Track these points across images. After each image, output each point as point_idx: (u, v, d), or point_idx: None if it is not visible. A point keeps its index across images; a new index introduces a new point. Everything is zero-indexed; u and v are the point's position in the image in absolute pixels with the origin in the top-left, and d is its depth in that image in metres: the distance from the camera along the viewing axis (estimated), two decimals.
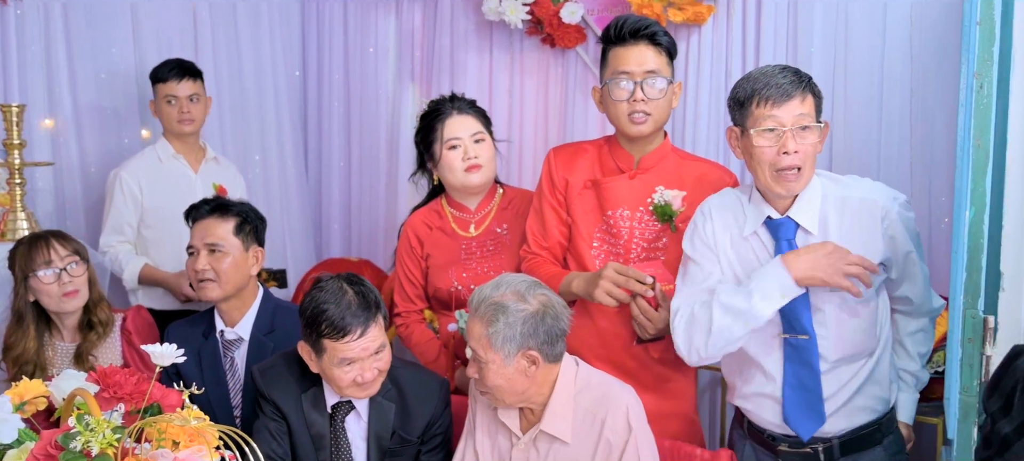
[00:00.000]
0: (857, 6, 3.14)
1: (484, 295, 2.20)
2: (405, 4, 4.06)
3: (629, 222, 2.54)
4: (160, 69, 3.46)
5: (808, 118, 2.13)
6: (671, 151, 2.59)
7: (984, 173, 1.80)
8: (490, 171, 2.77)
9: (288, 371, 2.42)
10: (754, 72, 2.20)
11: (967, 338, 1.84)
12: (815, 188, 2.21)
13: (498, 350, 2.15)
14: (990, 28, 1.78)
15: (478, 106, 2.83)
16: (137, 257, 3.40)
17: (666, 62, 2.50)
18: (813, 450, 2.26)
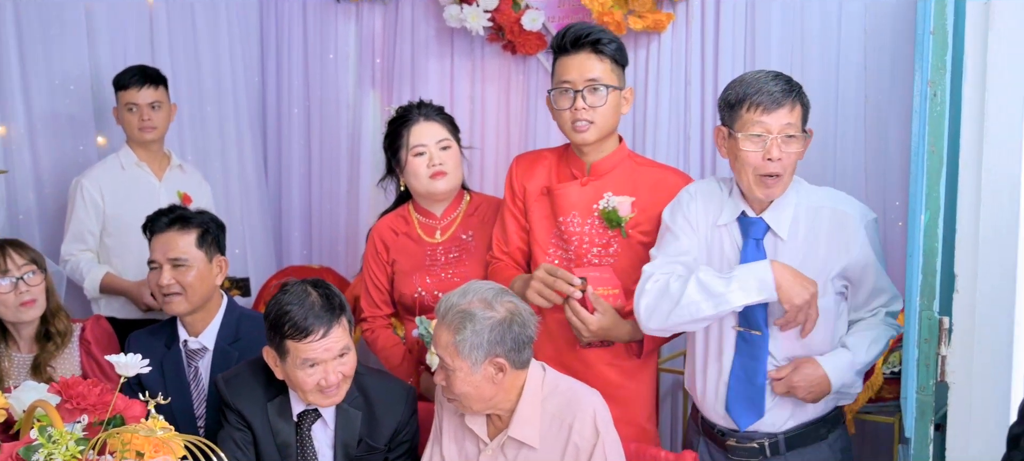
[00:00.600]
0: (812, 15, 3.21)
1: (451, 302, 2.19)
2: (365, 10, 4.05)
3: (580, 228, 2.57)
4: (122, 76, 3.41)
5: (794, 127, 2.19)
6: (627, 157, 2.60)
7: (938, 178, 1.85)
8: (456, 178, 2.78)
9: (253, 379, 2.40)
10: (747, 75, 2.26)
11: (923, 339, 1.89)
12: (790, 194, 2.28)
13: (465, 358, 2.15)
14: (943, 37, 1.83)
15: (445, 113, 2.83)
16: (99, 266, 3.35)
17: (610, 70, 2.51)
18: (759, 445, 2.32)
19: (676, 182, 2.56)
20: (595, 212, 2.53)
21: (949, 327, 1.87)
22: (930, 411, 1.92)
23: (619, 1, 3.41)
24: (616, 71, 2.52)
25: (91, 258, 3.37)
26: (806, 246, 2.25)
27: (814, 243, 2.25)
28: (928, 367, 1.89)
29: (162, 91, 3.43)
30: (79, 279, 3.35)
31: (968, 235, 1.81)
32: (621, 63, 2.54)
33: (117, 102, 3.43)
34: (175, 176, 3.51)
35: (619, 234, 2.53)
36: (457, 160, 2.78)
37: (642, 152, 3.47)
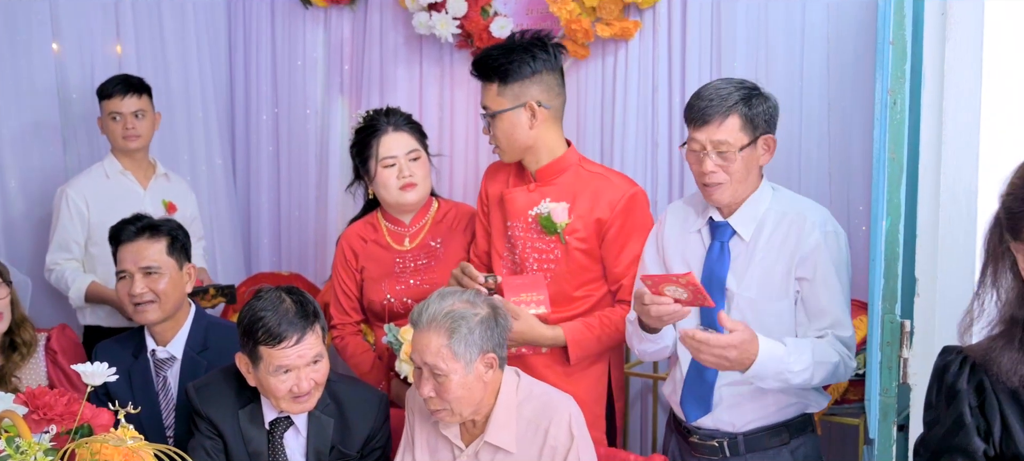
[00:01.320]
0: (777, 21, 3.26)
1: (433, 309, 2.18)
2: (334, 16, 4.04)
3: (523, 234, 2.60)
4: (106, 85, 3.41)
5: (725, 143, 2.23)
6: (575, 163, 2.62)
7: (899, 185, 1.90)
8: (425, 188, 2.80)
9: (225, 387, 2.39)
10: (703, 87, 2.31)
11: (886, 342, 1.93)
12: (761, 200, 2.32)
13: (460, 358, 2.15)
14: (902, 48, 1.88)
15: (414, 121, 2.85)
16: (84, 275, 3.33)
17: (495, 94, 2.55)
18: (718, 443, 2.35)
19: (617, 188, 2.57)
20: (531, 218, 2.57)
21: (911, 330, 1.91)
22: (893, 412, 1.96)
23: (587, 9, 3.44)
24: (505, 92, 2.54)
25: (76, 267, 3.35)
26: (764, 249, 2.29)
27: (771, 246, 2.29)
28: (891, 369, 1.94)
29: (146, 100, 3.43)
30: (64, 288, 3.33)
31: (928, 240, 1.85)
32: (510, 80, 2.53)
33: (101, 111, 3.42)
34: (160, 185, 3.51)
35: (558, 241, 2.55)
36: (426, 170, 2.79)
37: (609, 160, 3.51)
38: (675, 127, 3.45)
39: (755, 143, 2.26)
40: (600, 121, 3.58)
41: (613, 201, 2.54)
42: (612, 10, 3.41)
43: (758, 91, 2.28)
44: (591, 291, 2.60)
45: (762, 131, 2.27)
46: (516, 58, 2.53)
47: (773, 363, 2.16)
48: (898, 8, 1.87)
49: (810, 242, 2.24)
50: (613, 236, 2.56)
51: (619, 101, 3.53)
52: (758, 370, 2.15)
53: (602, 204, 2.54)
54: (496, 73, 2.54)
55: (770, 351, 2.16)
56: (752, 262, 2.29)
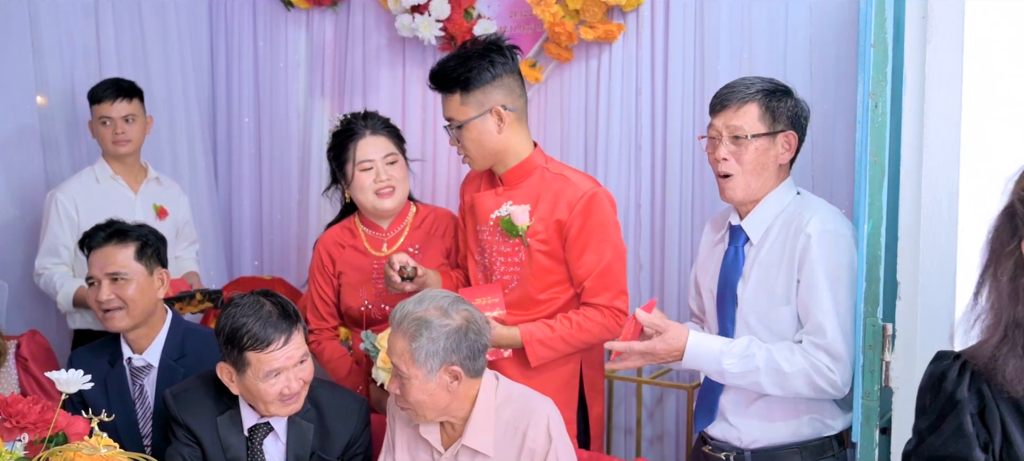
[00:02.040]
0: (760, 25, 3.25)
1: (407, 310, 2.19)
2: (316, 18, 4.02)
3: (490, 237, 2.60)
4: (96, 89, 3.38)
5: (740, 129, 2.21)
6: (541, 164, 2.60)
7: (880, 188, 1.90)
8: (403, 193, 2.78)
9: (203, 394, 2.37)
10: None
11: (868, 345, 1.92)
12: (777, 201, 2.26)
13: (421, 366, 2.14)
14: (883, 51, 1.88)
15: (391, 125, 2.83)
16: (73, 279, 3.30)
17: (459, 104, 2.53)
18: (726, 456, 2.32)
19: (576, 189, 2.55)
20: (492, 221, 2.57)
21: (892, 333, 1.91)
22: (875, 416, 1.96)
23: (570, 12, 3.43)
24: (468, 101, 2.52)
25: (65, 272, 3.33)
26: (767, 253, 2.24)
27: (773, 249, 2.24)
28: (873, 373, 1.93)
29: (137, 104, 3.41)
30: (53, 293, 3.31)
31: (909, 244, 1.85)
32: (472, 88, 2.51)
33: (92, 115, 3.40)
34: (152, 189, 3.49)
35: (521, 243, 2.55)
36: (404, 174, 2.78)
37: (593, 163, 3.50)
38: (658, 130, 3.44)
39: (773, 137, 2.21)
40: (584, 124, 3.57)
41: (572, 202, 2.52)
42: (595, 13, 3.40)
43: (786, 89, 2.26)
44: (556, 294, 2.59)
45: (784, 127, 2.23)
46: (474, 65, 2.51)
47: (706, 356, 2.19)
48: (879, 11, 1.87)
49: (801, 242, 2.17)
50: (573, 237, 2.54)
51: (603, 104, 3.52)
52: (689, 360, 2.20)
53: (561, 205, 2.53)
54: (457, 83, 2.51)
55: (701, 342, 2.20)
56: (755, 267, 2.25)
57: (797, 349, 2.14)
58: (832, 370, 2.10)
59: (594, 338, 2.56)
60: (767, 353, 2.15)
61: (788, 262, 2.20)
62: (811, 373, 2.11)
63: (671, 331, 2.19)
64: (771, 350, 2.15)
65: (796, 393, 2.15)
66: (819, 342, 2.11)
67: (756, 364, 2.15)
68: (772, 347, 2.16)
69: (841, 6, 3.12)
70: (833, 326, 2.10)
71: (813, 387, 2.12)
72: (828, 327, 2.10)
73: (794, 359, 2.12)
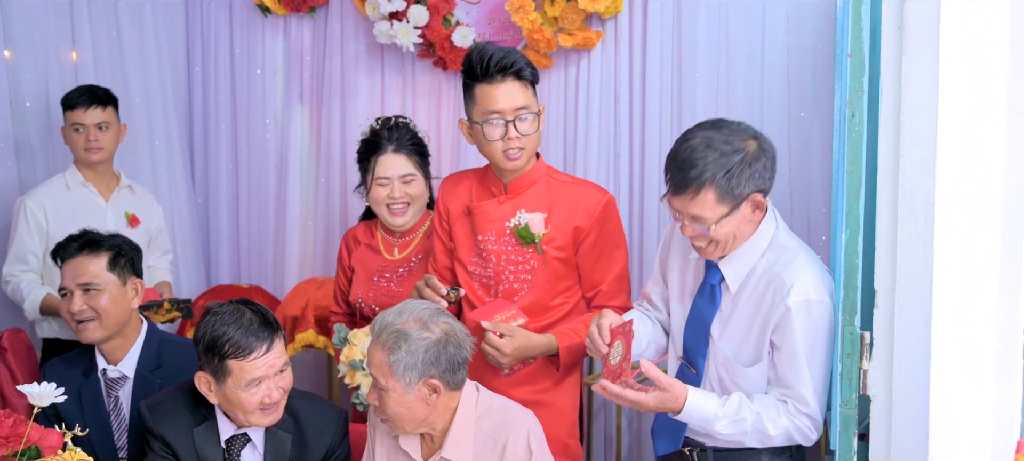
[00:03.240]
0: (737, 34, 3.28)
1: (387, 322, 2.17)
2: (293, 24, 4.00)
3: (497, 246, 2.58)
4: (70, 95, 3.35)
5: (701, 218, 2.08)
6: (545, 173, 2.61)
7: (858, 197, 1.90)
8: (416, 210, 2.84)
9: (179, 405, 2.34)
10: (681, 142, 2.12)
11: (846, 353, 1.93)
12: (755, 248, 2.16)
13: (399, 378, 2.13)
14: (860, 60, 1.88)
15: (418, 140, 2.83)
16: (41, 287, 3.26)
17: (532, 94, 2.52)
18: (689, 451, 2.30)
19: (592, 196, 2.57)
20: (508, 230, 2.55)
21: (870, 342, 1.91)
22: (853, 424, 1.97)
23: (549, 19, 3.44)
24: (535, 94, 2.54)
25: (33, 279, 3.29)
26: (744, 307, 2.18)
27: (749, 305, 2.17)
28: (851, 381, 1.94)
29: (111, 111, 3.38)
30: (20, 300, 3.27)
31: (886, 252, 1.85)
32: (536, 84, 2.56)
33: (65, 122, 3.36)
34: (124, 197, 3.45)
35: (535, 251, 2.54)
36: (421, 190, 2.83)
37: (572, 169, 3.50)
38: (636, 137, 3.45)
39: (737, 210, 2.08)
40: (562, 130, 3.57)
41: (590, 209, 2.54)
42: (574, 20, 3.41)
43: (745, 155, 2.05)
44: (567, 299, 2.60)
45: (748, 191, 2.07)
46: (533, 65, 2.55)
47: (699, 417, 2.16)
48: (855, 21, 1.88)
49: (780, 310, 2.09)
50: (591, 243, 2.55)
51: (582, 110, 3.52)
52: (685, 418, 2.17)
53: (579, 212, 2.54)
54: (528, 75, 2.51)
55: (698, 405, 2.15)
56: (732, 318, 2.19)
57: (783, 411, 2.15)
58: (810, 430, 2.16)
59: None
60: (756, 417, 2.15)
61: (761, 324, 2.13)
62: (792, 433, 2.16)
63: (672, 391, 2.14)
64: (759, 414, 2.15)
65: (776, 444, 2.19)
66: (801, 409, 2.14)
67: (745, 428, 2.16)
68: (759, 409, 2.15)
69: (817, 14, 3.14)
70: (813, 397, 2.13)
71: (789, 441, 2.18)
72: (809, 398, 2.13)
73: (780, 422, 2.15)
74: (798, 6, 3.16)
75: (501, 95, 2.46)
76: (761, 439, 2.18)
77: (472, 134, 2.55)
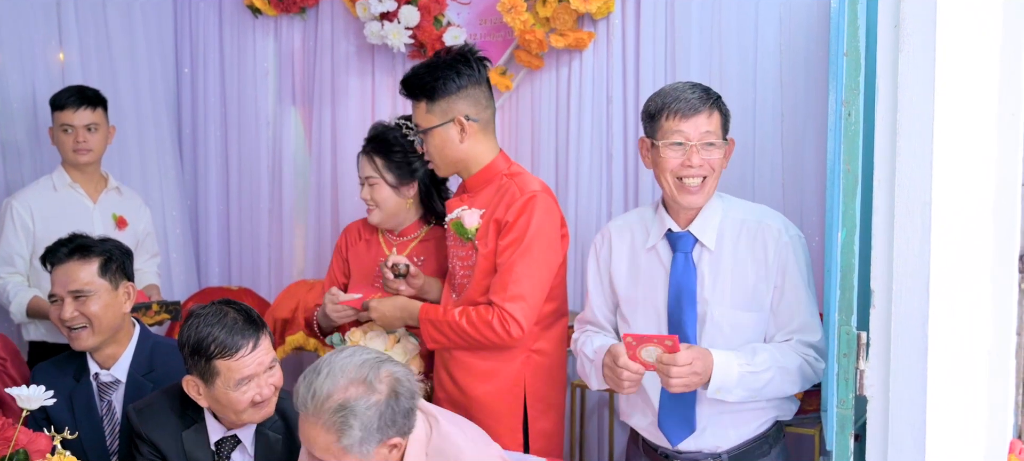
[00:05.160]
0: (730, 33, 3.27)
1: (321, 393, 1.87)
2: (284, 26, 3.98)
3: (450, 242, 2.68)
4: (59, 96, 3.32)
5: (713, 135, 2.23)
6: (502, 171, 2.63)
7: (854, 196, 1.90)
8: (385, 212, 2.84)
9: (168, 408, 2.32)
10: (666, 87, 2.30)
11: (842, 353, 1.92)
12: (715, 207, 2.29)
13: (355, 454, 1.87)
14: (856, 59, 1.88)
15: (380, 144, 2.83)
16: (27, 289, 3.23)
17: (425, 111, 2.59)
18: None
19: (521, 190, 2.56)
20: (447, 225, 2.64)
21: (867, 342, 1.91)
22: (850, 424, 1.96)
23: (541, 20, 3.43)
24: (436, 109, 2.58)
25: (20, 281, 3.26)
26: (733, 259, 2.26)
27: (739, 256, 2.26)
28: (847, 381, 1.93)
29: (100, 113, 3.35)
30: (6, 303, 3.25)
31: (882, 252, 1.84)
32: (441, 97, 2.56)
33: (53, 122, 3.33)
34: (111, 199, 3.43)
35: (472, 248, 2.59)
36: (383, 196, 2.82)
37: (564, 170, 3.50)
38: (630, 138, 3.44)
39: (725, 144, 2.27)
40: (554, 132, 3.56)
41: (512, 201, 2.54)
42: (566, 21, 3.40)
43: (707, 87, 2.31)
44: None
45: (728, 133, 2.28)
46: (441, 75, 2.56)
47: (733, 368, 2.16)
48: (851, 19, 1.87)
49: (779, 248, 2.24)
50: (504, 234, 2.54)
51: (574, 111, 3.51)
52: (720, 380, 2.15)
53: (502, 204, 2.56)
54: (423, 91, 2.58)
55: (725, 358, 2.17)
56: (722, 272, 2.26)
57: (789, 347, 2.23)
58: (820, 362, 2.25)
59: (478, 334, 2.53)
60: (770, 352, 2.21)
61: (760, 267, 2.23)
62: (805, 367, 2.23)
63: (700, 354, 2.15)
64: (774, 349, 2.22)
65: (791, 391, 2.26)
66: (809, 340, 2.24)
67: (769, 362, 2.19)
68: (771, 347, 2.23)
69: (810, 14, 3.14)
70: (817, 324, 2.26)
71: (806, 379, 2.25)
72: (814, 326, 2.25)
73: (793, 356, 2.22)
74: (791, 5, 3.16)
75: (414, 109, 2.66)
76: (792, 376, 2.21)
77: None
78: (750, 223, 2.27)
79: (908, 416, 1.87)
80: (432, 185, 2.85)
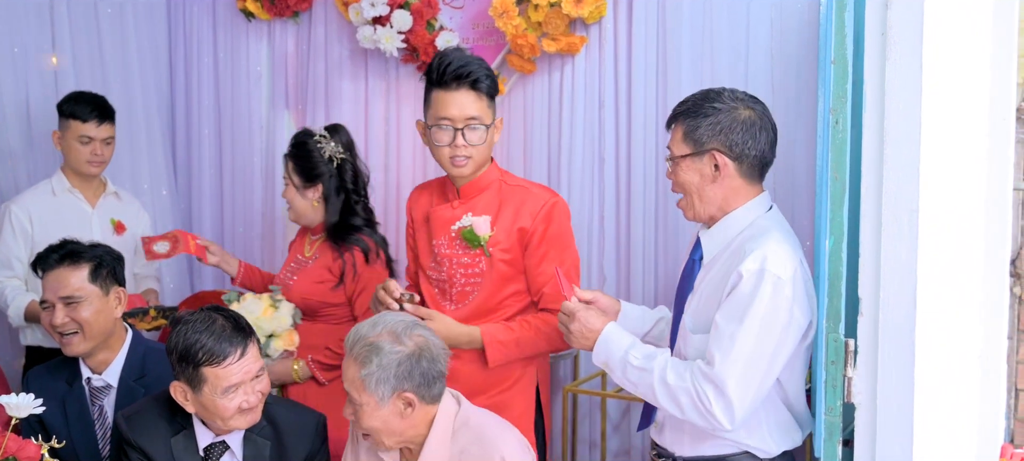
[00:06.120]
0: (721, 38, 3.27)
1: (361, 334, 2.16)
2: (277, 29, 3.98)
3: (449, 250, 2.62)
4: (78, 107, 3.30)
5: (669, 152, 2.20)
6: (498, 178, 2.64)
7: (842, 204, 1.90)
8: (295, 210, 3.10)
9: (156, 414, 2.32)
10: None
11: (830, 361, 1.92)
12: (737, 222, 2.17)
13: (372, 392, 2.12)
14: (843, 67, 1.88)
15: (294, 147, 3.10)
16: (25, 293, 3.22)
17: (487, 106, 2.56)
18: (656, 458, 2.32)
19: (538, 198, 2.60)
20: (454, 232, 2.59)
21: (854, 349, 1.91)
22: (838, 431, 1.96)
23: (533, 24, 3.42)
24: (491, 106, 2.57)
25: (18, 285, 3.26)
26: (709, 280, 2.18)
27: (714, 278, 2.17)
28: (835, 388, 1.93)
29: (114, 126, 3.38)
30: (4, 307, 3.24)
31: (870, 259, 1.85)
32: (494, 96, 2.59)
33: (61, 128, 3.33)
34: (110, 204, 3.44)
35: (482, 254, 2.57)
36: (292, 195, 3.08)
37: (556, 174, 3.50)
38: (622, 142, 3.44)
39: (701, 156, 2.14)
40: (547, 136, 3.56)
41: (535, 210, 2.57)
42: (558, 25, 3.39)
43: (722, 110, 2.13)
44: (516, 302, 2.63)
45: (712, 146, 2.12)
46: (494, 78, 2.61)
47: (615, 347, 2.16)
48: (839, 27, 1.87)
49: (732, 279, 2.07)
50: (535, 245, 2.58)
51: (566, 116, 3.51)
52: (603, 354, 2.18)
53: (524, 214, 2.57)
54: (485, 87, 2.56)
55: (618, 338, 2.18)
56: (699, 289, 2.21)
57: (688, 368, 2.10)
58: (711, 402, 2.04)
59: (550, 344, 2.59)
60: (664, 361, 2.13)
61: (720, 295, 2.11)
62: (694, 397, 2.07)
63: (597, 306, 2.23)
64: (668, 360, 2.14)
65: (686, 415, 2.10)
66: (707, 371, 2.06)
67: (652, 366, 2.12)
68: (670, 359, 2.14)
69: (802, 20, 3.15)
70: (723, 359, 2.03)
71: (698, 413, 2.08)
72: (717, 358, 2.04)
73: (683, 376, 2.09)
74: (782, 10, 3.16)
75: (453, 102, 2.51)
76: (668, 393, 2.09)
77: (426, 136, 2.61)
78: (737, 247, 2.13)
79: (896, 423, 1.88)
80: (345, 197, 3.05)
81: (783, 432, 2.21)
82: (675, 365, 2.12)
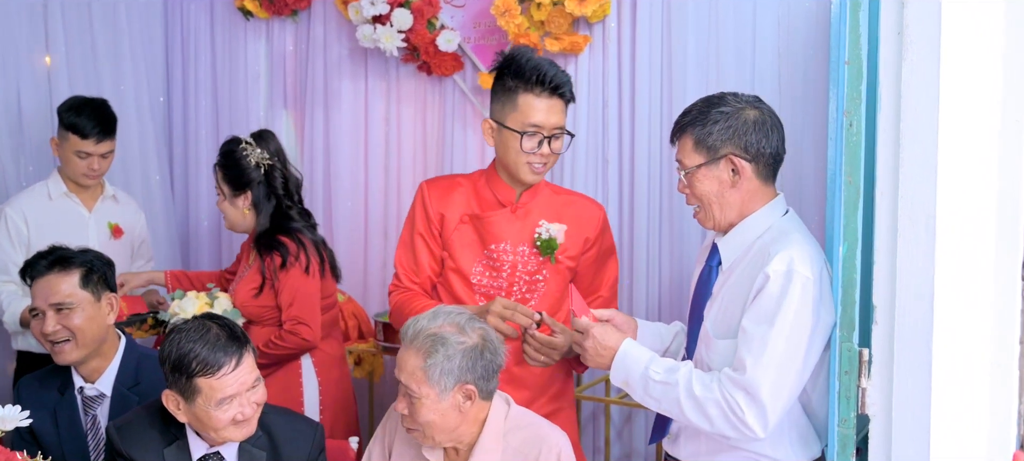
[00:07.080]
0: (727, 38, 3.21)
1: (421, 326, 2.14)
2: (276, 28, 3.92)
3: (511, 256, 2.59)
4: (79, 122, 3.21)
5: (680, 164, 2.17)
6: (544, 185, 2.67)
7: (855, 209, 1.84)
8: (227, 219, 3.12)
9: (149, 425, 2.27)
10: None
11: (844, 371, 1.87)
12: (755, 226, 2.13)
13: (434, 384, 2.09)
14: (858, 68, 1.82)
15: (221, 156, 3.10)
16: (21, 298, 3.16)
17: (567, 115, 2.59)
18: None
19: (594, 208, 2.68)
20: (534, 240, 2.57)
21: (869, 359, 1.85)
22: (851, 443, 1.91)
23: (535, 23, 3.37)
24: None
25: (14, 290, 3.20)
26: (731, 284, 2.13)
27: (736, 282, 2.12)
28: (849, 399, 1.88)
29: (114, 139, 3.31)
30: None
31: (885, 267, 1.79)
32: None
33: (60, 137, 3.26)
34: (107, 207, 3.38)
35: (548, 261, 2.58)
36: (224, 204, 3.10)
37: (560, 176, 3.45)
38: (625, 143, 3.39)
39: (715, 163, 2.10)
40: None
41: (594, 220, 2.65)
42: (561, 24, 3.34)
43: (730, 112, 2.10)
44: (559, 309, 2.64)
45: (728, 150, 2.09)
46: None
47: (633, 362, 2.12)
48: (853, 27, 1.82)
49: (759, 282, 2.02)
50: (598, 252, 2.65)
51: (569, 116, 3.44)
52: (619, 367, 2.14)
53: (586, 223, 2.62)
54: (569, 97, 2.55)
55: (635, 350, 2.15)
56: (720, 294, 2.15)
57: (715, 379, 2.04)
58: (743, 410, 1.99)
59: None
60: (688, 373, 2.08)
61: (743, 298, 2.06)
62: (724, 407, 2.01)
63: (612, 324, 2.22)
64: (693, 372, 2.08)
65: (715, 427, 2.04)
66: (737, 378, 2.00)
67: (676, 379, 2.06)
68: (694, 371, 2.09)
69: (809, 19, 3.09)
70: (755, 363, 1.98)
71: (729, 424, 2.02)
72: (748, 362, 1.99)
73: (710, 386, 2.03)
74: (789, 9, 3.10)
75: (547, 110, 2.49)
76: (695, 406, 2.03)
77: (498, 137, 2.54)
78: (764, 251, 2.06)
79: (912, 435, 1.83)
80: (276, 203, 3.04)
81: (804, 443, 2.14)
82: (700, 376, 2.07)
